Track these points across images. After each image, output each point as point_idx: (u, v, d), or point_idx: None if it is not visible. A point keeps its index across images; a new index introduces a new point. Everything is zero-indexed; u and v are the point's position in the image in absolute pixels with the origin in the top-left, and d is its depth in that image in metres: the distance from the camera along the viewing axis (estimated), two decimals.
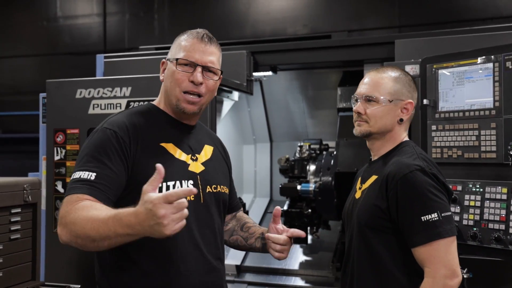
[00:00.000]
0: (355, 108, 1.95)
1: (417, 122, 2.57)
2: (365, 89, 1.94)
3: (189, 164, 1.76)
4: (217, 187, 1.82)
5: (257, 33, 6.57)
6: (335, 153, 3.87)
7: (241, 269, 4.06)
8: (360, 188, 1.96)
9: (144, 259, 1.64)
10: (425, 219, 1.70)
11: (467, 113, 2.38)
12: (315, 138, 4.51)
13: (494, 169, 2.27)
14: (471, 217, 2.29)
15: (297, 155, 4.19)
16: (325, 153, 4.12)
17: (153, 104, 1.85)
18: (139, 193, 1.58)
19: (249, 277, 4.00)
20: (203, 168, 1.79)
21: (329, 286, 3.77)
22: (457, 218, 2.32)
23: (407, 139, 1.97)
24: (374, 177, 1.88)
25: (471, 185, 2.33)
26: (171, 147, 1.74)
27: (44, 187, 3.07)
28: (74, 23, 7.62)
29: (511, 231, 2.16)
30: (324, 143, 4.32)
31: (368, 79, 1.96)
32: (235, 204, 2.03)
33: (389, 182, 1.77)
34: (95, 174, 1.57)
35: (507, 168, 2.22)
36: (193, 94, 1.73)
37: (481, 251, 2.25)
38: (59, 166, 3.10)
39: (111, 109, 3.02)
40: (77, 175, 1.58)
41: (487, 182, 2.28)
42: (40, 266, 2.58)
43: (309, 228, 4.08)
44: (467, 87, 2.39)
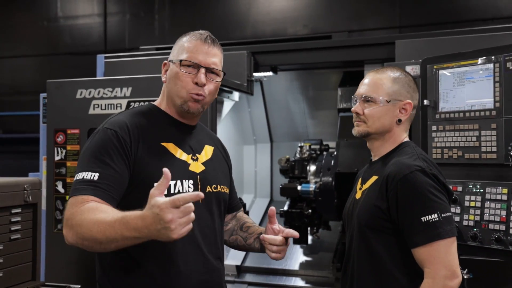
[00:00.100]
0: (353, 108, 1.96)
1: (417, 122, 2.57)
2: (363, 89, 1.95)
3: (190, 164, 1.77)
4: (217, 186, 1.83)
5: (257, 34, 6.57)
6: (335, 153, 3.87)
7: (241, 269, 4.05)
8: (360, 188, 1.96)
9: (145, 258, 1.65)
10: (425, 220, 1.70)
11: (467, 114, 2.38)
12: (316, 138, 4.50)
13: (494, 170, 2.27)
14: (472, 217, 2.29)
15: (298, 155, 4.19)
16: (325, 153, 4.12)
17: (153, 104, 1.85)
18: (141, 191, 1.59)
19: (249, 278, 4.00)
20: (203, 168, 1.80)
21: (329, 286, 3.76)
22: (458, 218, 2.32)
23: (407, 139, 1.97)
24: (374, 178, 1.88)
25: (471, 186, 2.33)
26: (172, 147, 1.75)
27: (44, 187, 3.07)
28: (74, 23, 7.62)
29: (511, 231, 2.16)
30: (324, 143, 4.31)
31: (367, 79, 1.97)
32: (235, 204, 2.03)
33: (389, 182, 1.77)
34: (98, 174, 1.58)
35: (508, 168, 2.22)
36: (197, 95, 1.74)
37: (481, 251, 2.25)
38: (59, 166, 3.10)
39: (111, 109, 3.02)
40: (80, 176, 1.59)
41: (487, 182, 2.28)
42: (40, 266, 2.58)
43: (309, 228, 4.07)
44: (468, 88, 2.39)
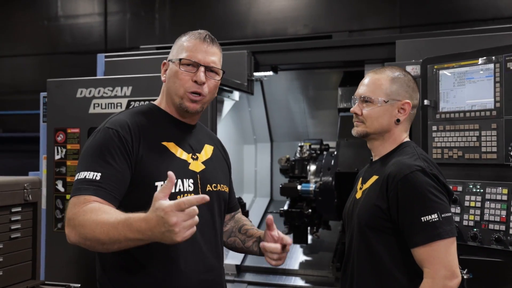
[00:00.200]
0: (352, 109, 1.97)
1: (417, 122, 2.57)
2: (362, 90, 1.96)
3: (190, 163, 1.77)
4: (217, 185, 1.83)
5: (258, 33, 6.57)
6: (335, 153, 3.87)
7: (241, 269, 4.06)
8: (361, 188, 1.96)
9: (145, 257, 1.65)
10: (425, 220, 1.70)
11: (467, 114, 2.38)
12: (316, 138, 4.50)
13: (494, 170, 2.27)
14: (472, 217, 2.29)
15: (298, 155, 4.19)
16: (325, 153, 4.12)
17: (154, 104, 1.86)
18: (141, 190, 1.59)
19: (249, 277, 4.00)
20: (203, 167, 1.80)
21: (329, 286, 3.77)
22: (458, 218, 2.32)
23: (407, 139, 1.97)
24: (375, 177, 1.88)
25: (471, 186, 2.33)
26: (172, 146, 1.75)
27: (44, 186, 3.07)
28: (75, 22, 7.62)
29: (511, 231, 2.16)
30: (324, 143, 4.32)
31: (366, 80, 1.98)
32: (234, 204, 2.04)
33: (389, 182, 1.77)
34: (100, 174, 1.58)
35: (508, 169, 2.22)
36: (196, 93, 1.75)
37: (481, 251, 2.25)
38: (59, 165, 3.10)
39: (111, 108, 3.02)
40: (81, 175, 1.59)
41: (487, 182, 2.28)
42: (40, 265, 2.58)
43: (309, 228, 4.08)
44: (468, 88, 2.39)
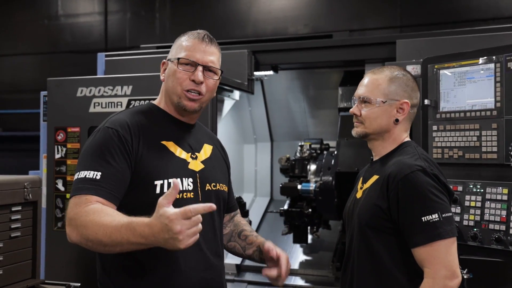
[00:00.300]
0: (351, 110, 1.97)
1: (418, 122, 2.57)
2: (361, 90, 1.95)
3: (189, 162, 1.77)
4: (217, 185, 1.84)
5: (258, 33, 6.57)
6: (335, 152, 3.87)
7: (241, 268, 4.05)
8: (361, 188, 1.96)
9: (146, 257, 1.65)
10: (426, 220, 1.70)
11: (468, 114, 2.38)
12: (316, 137, 4.50)
13: (495, 170, 2.27)
14: (472, 217, 2.29)
15: (298, 154, 4.19)
16: (325, 152, 4.12)
17: (153, 103, 1.87)
18: (141, 190, 1.60)
19: (249, 276, 4.00)
20: (202, 166, 1.81)
21: (329, 285, 3.76)
22: (458, 218, 2.32)
23: (408, 139, 1.97)
24: (375, 177, 1.88)
25: (471, 186, 2.33)
26: (171, 145, 1.75)
27: (44, 185, 3.07)
28: (75, 21, 7.63)
29: (511, 231, 2.16)
30: (324, 142, 4.31)
31: (365, 80, 1.97)
32: (233, 204, 2.04)
33: (390, 182, 1.77)
34: (100, 173, 1.58)
35: (508, 168, 2.22)
36: (194, 92, 1.75)
37: (482, 251, 2.25)
38: (59, 164, 3.10)
39: (112, 107, 3.02)
40: (82, 174, 1.59)
41: (487, 182, 2.28)
42: (40, 264, 2.58)
43: (309, 227, 4.07)
44: (469, 88, 2.39)
